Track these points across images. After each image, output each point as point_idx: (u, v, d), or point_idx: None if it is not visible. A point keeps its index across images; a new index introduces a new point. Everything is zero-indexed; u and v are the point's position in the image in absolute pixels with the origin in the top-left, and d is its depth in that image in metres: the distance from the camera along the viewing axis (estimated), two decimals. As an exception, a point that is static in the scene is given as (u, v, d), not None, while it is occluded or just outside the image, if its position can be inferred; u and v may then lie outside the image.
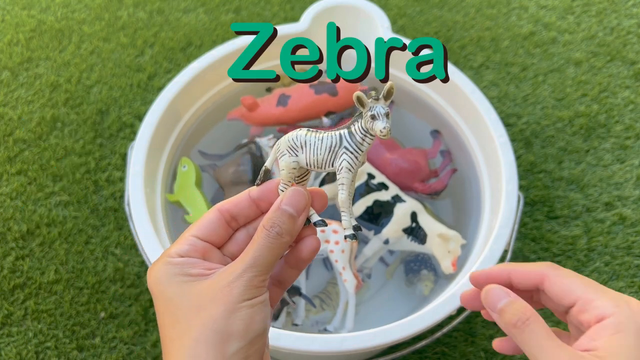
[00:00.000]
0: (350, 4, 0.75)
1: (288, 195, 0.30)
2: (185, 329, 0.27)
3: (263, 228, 0.29)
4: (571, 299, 0.28)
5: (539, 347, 0.26)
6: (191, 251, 0.29)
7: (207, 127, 0.77)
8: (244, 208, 0.31)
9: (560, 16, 1.05)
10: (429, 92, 0.76)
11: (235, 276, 0.28)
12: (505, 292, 0.29)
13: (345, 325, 0.63)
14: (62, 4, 1.05)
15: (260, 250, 0.29)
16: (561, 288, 0.28)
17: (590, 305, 0.27)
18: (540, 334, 0.27)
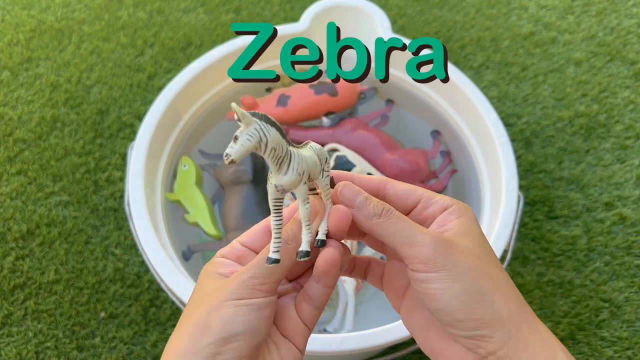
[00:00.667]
0: (350, 4, 0.75)
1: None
2: (187, 316, 0.29)
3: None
4: (415, 197, 0.30)
5: (407, 227, 0.28)
6: (229, 253, 0.31)
7: (207, 127, 0.77)
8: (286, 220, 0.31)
9: (560, 16, 1.05)
10: (429, 92, 0.76)
11: (234, 276, 0.29)
12: (359, 189, 0.30)
13: (344, 326, 0.63)
14: (62, 4, 1.05)
15: (265, 253, 0.29)
16: (404, 188, 0.31)
17: (433, 200, 0.30)
18: (404, 219, 0.29)
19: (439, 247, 0.27)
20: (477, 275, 0.27)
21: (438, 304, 0.27)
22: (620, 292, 0.76)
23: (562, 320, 0.74)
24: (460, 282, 0.27)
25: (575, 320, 0.74)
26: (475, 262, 0.27)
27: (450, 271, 0.27)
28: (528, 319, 0.27)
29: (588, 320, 0.74)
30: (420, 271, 0.27)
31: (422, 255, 0.27)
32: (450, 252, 0.27)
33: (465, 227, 0.29)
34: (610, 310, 0.75)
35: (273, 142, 0.26)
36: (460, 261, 0.27)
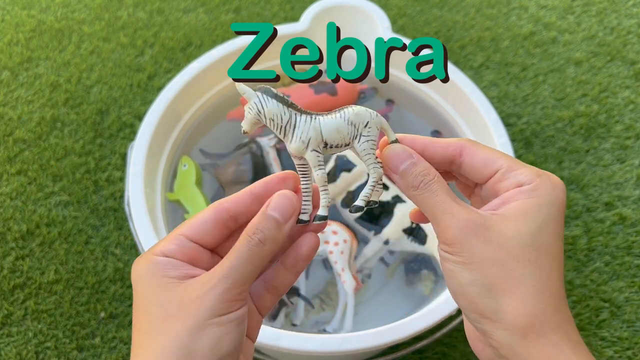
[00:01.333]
0: (350, 4, 0.75)
1: (274, 200, 0.28)
2: (151, 338, 0.25)
3: (245, 234, 0.27)
4: (493, 167, 0.28)
5: (439, 204, 0.27)
6: (176, 252, 0.27)
7: (207, 127, 0.77)
8: (245, 205, 0.29)
9: (560, 16, 1.05)
10: (429, 92, 0.76)
11: (208, 287, 0.26)
12: (408, 153, 0.29)
13: (343, 327, 0.63)
14: (62, 4, 1.05)
15: (239, 258, 0.26)
16: (483, 157, 0.28)
17: (512, 173, 0.27)
18: (441, 193, 0.27)
19: (461, 233, 0.26)
20: (493, 270, 0.25)
21: (449, 282, 0.27)
22: (620, 292, 0.76)
23: (562, 320, 0.74)
24: (470, 272, 0.26)
25: (575, 320, 0.74)
26: (497, 254, 0.25)
27: (466, 259, 0.26)
28: (541, 329, 0.25)
29: (588, 320, 0.74)
30: (443, 249, 0.27)
31: (443, 237, 0.27)
32: (474, 239, 0.26)
33: (525, 210, 0.26)
34: (610, 310, 0.75)
35: (271, 113, 0.28)
36: (479, 251, 0.25)
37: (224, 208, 0.28)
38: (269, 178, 0.29)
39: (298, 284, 0.66)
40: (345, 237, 0.64)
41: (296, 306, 0.64)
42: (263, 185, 0.29)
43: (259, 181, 0.29)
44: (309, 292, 0.66)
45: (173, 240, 0.28)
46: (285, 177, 0.29)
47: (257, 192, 0.29)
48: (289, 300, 0.62)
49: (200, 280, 0.26)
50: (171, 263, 0.27)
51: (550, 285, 0.26)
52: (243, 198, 0.29)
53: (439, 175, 0.28)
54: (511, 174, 0.28)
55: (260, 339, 0.52)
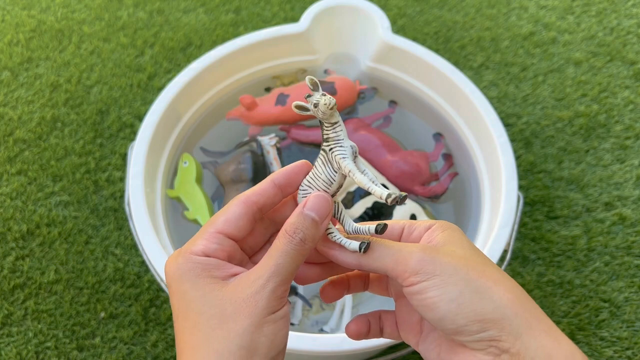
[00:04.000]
0: (350, 4, 0.75)
1: (311, 200, 0.29)
2: (207, 338, 0.26)
3: (286, 234, 0.28)
4: (398, 227, 0.31)
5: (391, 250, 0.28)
6: (218, 251, 0.28)
7: (207, 127, 0.77)
8: (270, 197, 0.30)
9: (560, 16, 1.05)
10: (430, 93, 0.76)
11: (259, 286, 0.27)
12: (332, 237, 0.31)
13: (341, 327, 0.63)
14: (62, 4, 1.05)
15: (284, 257, 0.28)
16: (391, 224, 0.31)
17: (416, 224, 0.30)
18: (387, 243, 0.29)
19: (425, 255, 0.27)
20: (470, 274, 0.26)
21: (438, 312, 0.26)
22: (620, 292, 0.76)
23: (562, 320, 0.74)
24: (453, 284, 0.26)
25: (575, 320, 0.74)
26: (465, 262, 0.27)
27: (441, 275, 0.26)
28: (536, 314, 0.26)
29: (588, 320, 0.74)
30: (413, 283, 0.27)
31: (411, 267, 0.27)
32: (438, 256, 0.27)
33: (451, 237, 0.29)
34: (610, 310, 0.75)
35: None
36: (449, 264, 0.26)
37: (253, 202, 0.29)
38: (290, 169, 0.30)
39: (297, 283, 0.66)
40: None
41: (294, 305, 0.64)
42: (285, 176, 0.30)
43: (280, 172, 0.30)
44: (308, 292, 0.66)
45: (212, 238, 0.28)
46: (303, 166, 0.30)
47: (280, 183, 0.30)
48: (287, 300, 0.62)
49: (248, 280, 0.27)
50: (215, 263, 0.28)
51: (513, 280, 0.28)
52: (268, 190, 0.29)
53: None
54: (416, 225, 0.30)
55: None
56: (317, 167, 0.30)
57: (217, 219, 0.29)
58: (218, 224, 0.28)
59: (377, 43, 0.75)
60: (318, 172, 0.30)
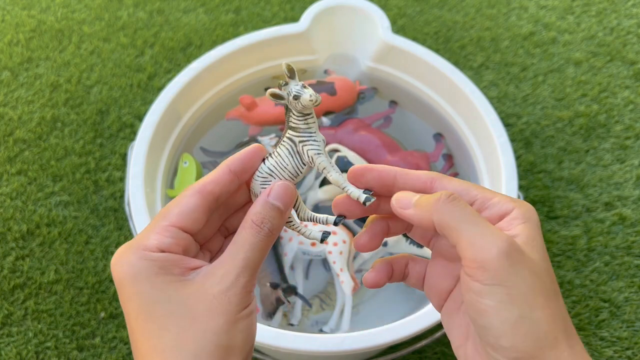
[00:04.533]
0: (350, 4, 0.75)
1: (276, 190, 0.28)
2: (179, 340, 0.24)
3: (253, 224, 0.27)
4: (469, 197, 0.26)
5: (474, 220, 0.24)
6: (173, 245, 0.26)
7: (207, 127, 0.77)
8: (227, 184, 0.28)
9: (560, 16, 1.05)
10: (430, 94, 0.76)
11: (229, 282, 0.25)
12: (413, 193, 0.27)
13: (341, 327, 0.63)
14: (62, 4, 1.05)
15: (252, 250, 0.26)
16: (456, 187, 0.27)
17: (490, 202, 0.26)
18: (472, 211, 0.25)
19: (508, 256, 0.23)
20: (538, 301, 0.23)
21: (486, 322, 0.24)
22: (620, 292, 0.76)
23: (561, 320, 0.74)
24: (518, 306, 0.23)
25: (575, 320, 0.74)
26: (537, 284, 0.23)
27: (510, 289, 0.23)
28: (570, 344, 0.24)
29: (588, 320, 0.74)
30: (476, 279, 0.23)
31: (487, 263, 0.23)
32: (519, 265, 0.23)
33: (530, 236, 0.25)
34: (610, 310, 0.75)
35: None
36: (525, 280, 0.23)
37: (209, 191, 0.27)
38: (245, 154, 0.28)
39: (296, 282, 0.66)
40: (344, 237, 0.64)
41: (294, 305, 0.64)
42: (241, 162, 0.28)
43: (235, 158, 0.28)
44: (308, 292, 0.66)
45: (166, 233, 0.26)
46: (258, 151, 0.29)
47: (236, 169, 0.28)
48: (287, 299, 0.62)
49: (216, 275, 0.26)
50: (172, 259, 0.26)
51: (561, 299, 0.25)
52: (224, 177, 0.28)
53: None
54: (490, 203, 0.26)
55: (261, 338, 0.52)
56: (281, 157, 0.29)
57: (170, 210, 0.27)
58: (172, 217, 0.26)
59: (377, 43, 0.75)
60: (284, 162, 0.28)
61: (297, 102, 0.27)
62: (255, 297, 0.27)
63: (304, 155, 0.28)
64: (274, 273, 0.64)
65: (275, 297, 0.62)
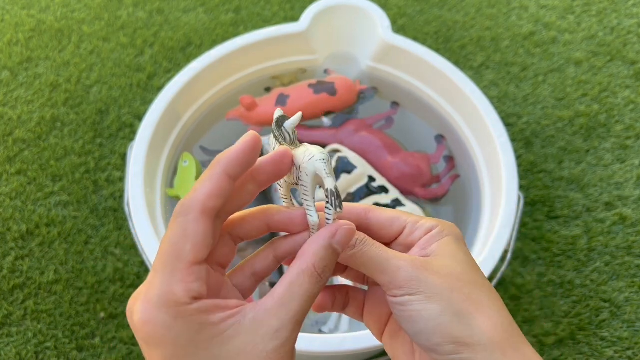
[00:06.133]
0: (350, 4, 0.75)
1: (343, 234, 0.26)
2: None
3: (315, 272, 0.25)
4: (400, 223, 0.29)
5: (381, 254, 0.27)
6: (202, 287, 0.23)
7: (206, 127, 0.77)
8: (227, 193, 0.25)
9: (560, 16, 1.05)
10: (431, 94, 0.76)
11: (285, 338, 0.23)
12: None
13: (339, 327, 0.63)
14: (61, 4, 1.05)
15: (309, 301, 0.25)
16: (389, 216, 0.29)
17: (418, 224, 0.29)
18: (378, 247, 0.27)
19: (414, 270, 0.26)
20: (455, 296, 0.26)
21: (416, 326, 0.26)
22: (620, 292, 0.76)
23: (562, 320, 0.74)
24: (436, 303, 0.26)
25: (575, 321, 0.74)
26: (452, 282, 0.26)
27: (426, 293, 0.26)
28: (514, 343, 0.26)
29: (588, 321, 0.74)
30: (397, 295, 0.26)
31: (397, 281, 0.26)
32: (425, 273, 0.26)
33: (446, 247, 0.28)
34: (610, 310, 0.74)
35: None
36: (436, 282, 0.26)
37: (211, 208, 0.24)
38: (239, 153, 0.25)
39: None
40: None
41: None
42: (241, 164, 0.25)
43: (230, 159, 0.25)
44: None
45: (190, 276, 0.23)
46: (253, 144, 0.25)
47: (235, 175, 0.25)
48: None
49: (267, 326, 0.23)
50: (207, 308, 0.23)
51: (500, 303, 0.27)
52: (224, 187, 0.24)
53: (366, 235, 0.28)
54: (418, 225, 0.29)
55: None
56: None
57: (181, 247, 0.23)
58: (187, 255, 0.23)
59: (377, 43, 0.75)
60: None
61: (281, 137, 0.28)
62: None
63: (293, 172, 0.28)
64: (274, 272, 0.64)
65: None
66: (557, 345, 0.72)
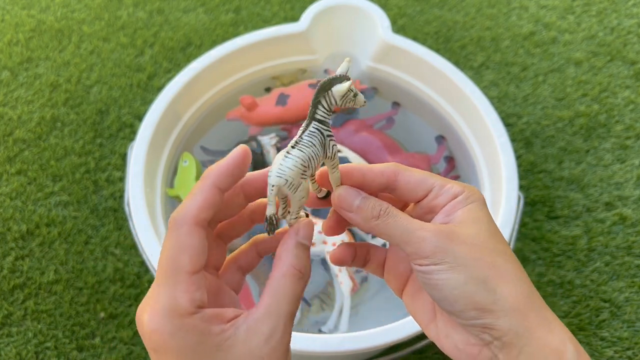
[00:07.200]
0: (350, 4, 0.75)
1: (305, 230, 0.28)
2: None
3: (295, 271, 0.26)
4: (427, 186, 0.29)
5: (405, 224, 0.28)
6: (204, 296, 0.25)
7: (206, 127, 0.77)
8: (218, 204, 0.27)
9: (560, 16, 1.05)
10: (432, 94, 0.76)
11: (277, 341, 0.25)
12: (356, 192, 0.29)
13: (339, 327, 0.63)
14: (62, 4, 1.05)
15: (296, 301, 0.26)
16: (416, 178, 0.30)
17: (444, 189, 0.29)
18: (402, 218, 0.28)
19: (439, 241, 0.27)
20: (479, 264, 0.27)
21: (440, 293, 0.27)
22: (620, 292, 0.76)
23: (562, 320, 0.74)
24: (461, 273, 0.27)
25: (575, 321, 0.74)
26: (476, 252, 0.27)
27: (451, 263, 0.27)
28: (536, 307, 0.27)
29: (588, 321, 0.74)
30: (422, 264, 0.27)
31: (422, 252, 0.27)
32: (451, 244, 0.27)
33: (471, 214, 0.28)
34: (610, 310, 0.74)
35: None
36: (460, 252, 0.27)
37: (203, 219, 0.26)
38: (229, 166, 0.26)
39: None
40: (343, 237, 0.64)
41: None
42: (230, 177, 0.26)
43: (220, 172, 0.26)
44: (308, 292, 0.66)
45: (191, 286, 0.25)
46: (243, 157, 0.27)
47: (225, 187, 0.27)
48: None
49: (260, 331, 0.25)
50: (208, 317, 0.24)
51: (522, 271, 0.29)
52: (214, 199, 0.26)
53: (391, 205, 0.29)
54: (444, 189, 0.29)
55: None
56: (315, 146, 0.27)
57: (179, 259, 0.25)
58: (185, 265, 0.25)
59: (377, 43, 0.75)
60: (318, 152, 0.27)
61: (351, 100, 0.28)
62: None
63: (328, 149, 0.28)
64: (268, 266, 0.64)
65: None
66: (557, 345, 0.72)
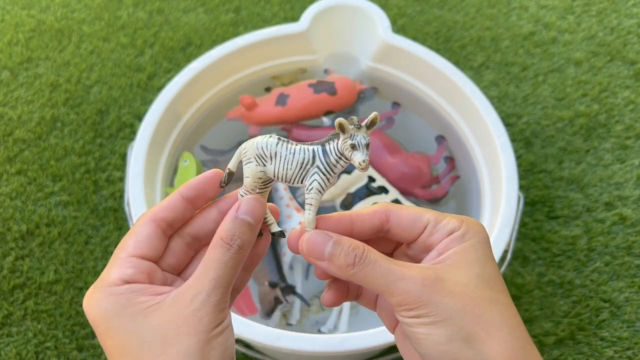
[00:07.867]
0: (350, 4, 0.75)
1: (245, 204, 0.28)
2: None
3: (222, 242, 0.27)
4: (421, 223, 0.28)
5: (386, 274, 0.26)
6: (136, 274, 0.26)
7: (207, 127, 0.77)
8: (180, 211, 0.29)
9: (560, 16, 1.05)
10: (432, 94, 0.76)
11: (200, 302, 0.25)
12: (326, 235, 0.27)
13: (338, 327, 0.63)
14: (62, 4, 1.05)
15: (223, 268, 0.26)
16: (410, 216, 0.28)
17: (440, 225, 0.27)
18: (382, 264, 0.26)
19: (423, 292, 0.25)
20: (465, 318, 0.25)
21: (422, 349, 0.25)
22: (620, 292, 0.76)
23: (562, 320, 0.74)
24: (444, 328, 0.25)
25: (575, 321, 0.74)
26: (463, 303, 0.25)
27: (435, 316, 0.25)
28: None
29: (588, 321, 0.74)
30: (405, 315, 0.26)
31: (404, 302, 0.25)
32: (435, 294, 0.25)
33: (465, 255, 0.26)
34: (610, 310, 0.74)
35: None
36: (445, 304, 0.25)
37: (161, 218, 0.28)
38: (197, 181, 0.29)
39: (295, 282, 0.66)
40: None
41: (292, 305, 0.64)
42: (194, 189, 0.29)
43: (188, 185, 0.29)
44: (308, 292, 0.66)
45: (125, 264, 0.26)
46: (213, 176, 0.30)
47: (189, 196, 0.29)
48: (285, 299, 0.62)
49: (185, 297, 0.26)
50: (137, 288, 0.26)
51: (516, 321, 0.26)
52: (176, 204, 0.28)
53: (367, 245, 0.27)
54: (439, 226, 0.27)
55: (262, 339, 0.52)
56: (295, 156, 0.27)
57: (126, 242, 0.27)
58: (128, 248, 0.27)
59: (377, 43, 0.75)
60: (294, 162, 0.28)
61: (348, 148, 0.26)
62: (230, 313, 0.27)
63: (308, 177, 0.27)
64: (273, 272, 0.64)
65: (273, 296, 0.62)
66: (557, 345, 0.72)
